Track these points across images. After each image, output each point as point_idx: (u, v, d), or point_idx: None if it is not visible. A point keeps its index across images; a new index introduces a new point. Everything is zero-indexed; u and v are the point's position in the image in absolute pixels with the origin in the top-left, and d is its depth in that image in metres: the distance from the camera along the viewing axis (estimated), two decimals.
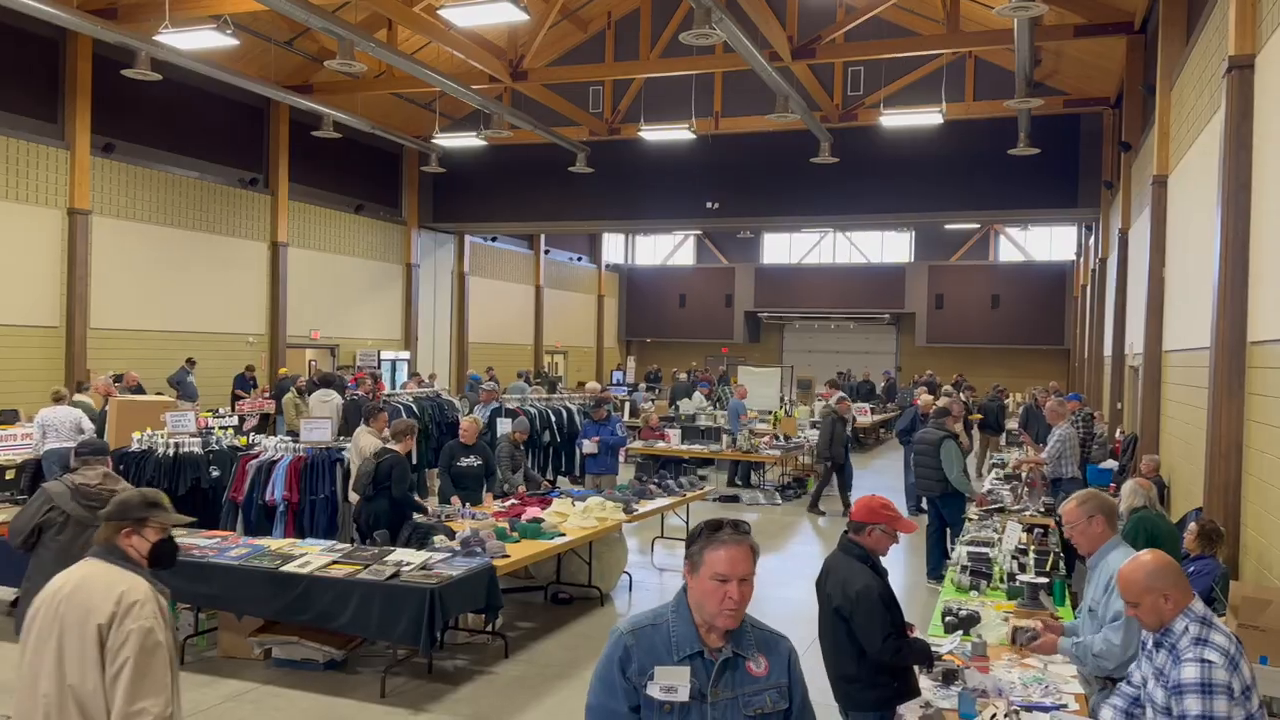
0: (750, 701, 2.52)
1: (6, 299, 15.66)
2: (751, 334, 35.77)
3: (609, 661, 2.51)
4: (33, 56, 16.21)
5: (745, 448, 14.34)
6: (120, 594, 3.10)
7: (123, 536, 3.24)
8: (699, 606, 2.52)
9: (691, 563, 2.52)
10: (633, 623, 2.56)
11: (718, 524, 2.58)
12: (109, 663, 3.04)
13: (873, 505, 4.16)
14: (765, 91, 17.10)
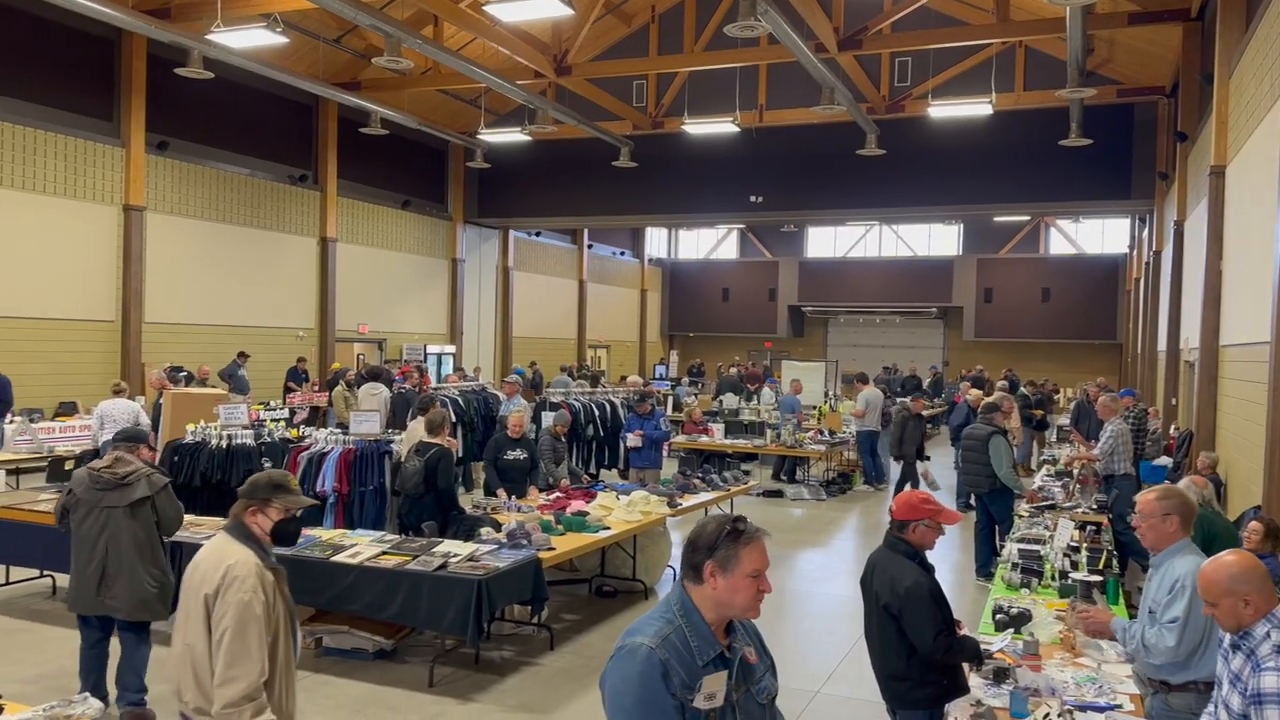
0: (759, 690, 2.57)
1: (65, 294, 16.08)
2: (795, 328, 35.55)
3: (648, 681, 2.34)
4: (89, 56, 16.59)
5: (790, 443, 14.26)
6: (227, 567, 3.30)
7: (249, 514, 3.45)
8: (722, 604, 2.49)
9: (719, 564, 2.47)
10: (652, 636, 2.41)
11: (734, 524, 2.55)
12: (213, 630, 3.25)
13: (913, 501, 4.11)
14: (810, 83, 16.97)
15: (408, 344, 24.04)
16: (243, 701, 3.21)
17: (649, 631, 2.44)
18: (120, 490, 5.44)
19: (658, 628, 2.45)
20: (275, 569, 3.43)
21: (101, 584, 5.40)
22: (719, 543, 2.50)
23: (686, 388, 24.00)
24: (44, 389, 15.30)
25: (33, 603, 7.69)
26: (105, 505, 5.42)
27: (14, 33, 15.33)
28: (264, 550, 3.44)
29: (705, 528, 2.55)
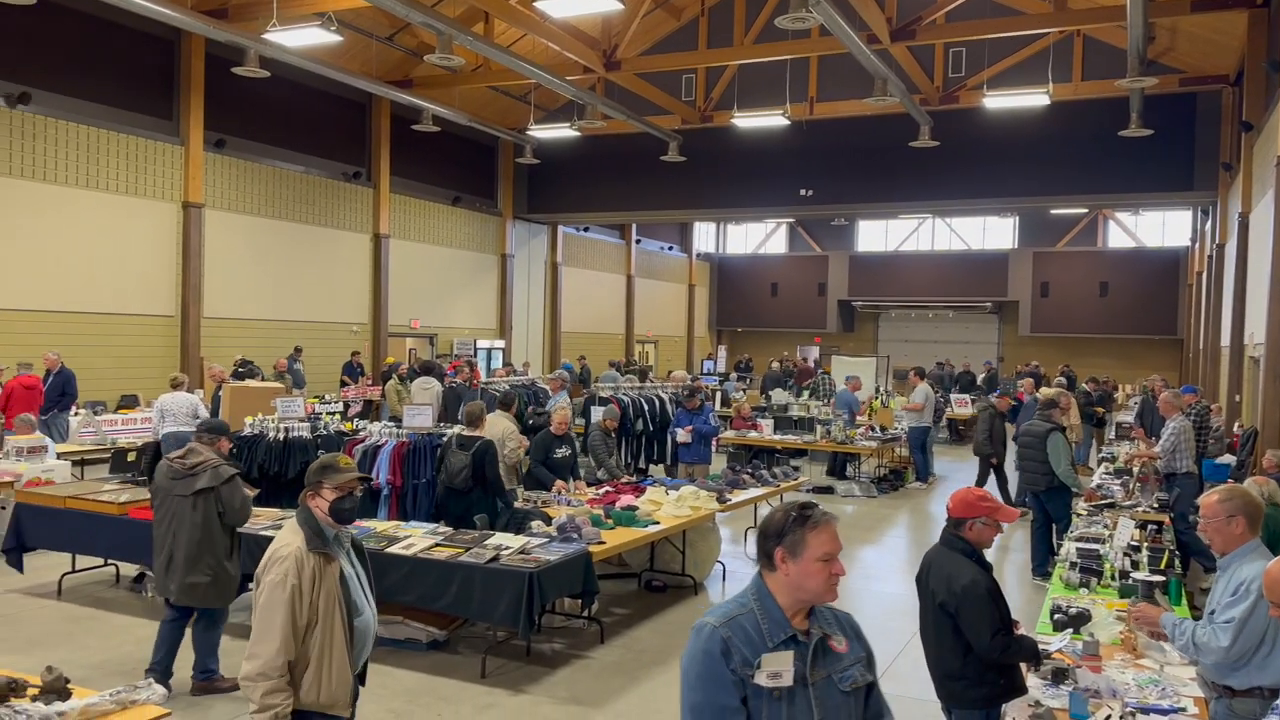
0: (843, 678, 2.57)
1: (127, 290, 16.49)
2: (845, 323, 35.23)
3: (708, 657, 2.45)
4: (150, 57, 16.98)
5: (840, 439, 14.14)
6: (273, 550, 3.46)
7: (309, 499, 3.57)
8: (797, 589, 2.53)
9: (788, 549, 2.52)
10: (719, 616, 2.52)
11: (801, 509, 2.57)
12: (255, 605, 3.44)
13: (969, 499, 4.04)
14: (862, 75, 16.78)
15: (458, 339, 24.27)
16: (258, 678, 3.34)
17: (717, 613, 2.55)
18: (186, 480, 5.66)
19: (727, 609, 2.55)
20: (325, 554, 3.48)
21: (168, 569, 5.67)
22: (787, 528, 2.54)
23: (734, 383, 23.91)
24: (107, 382, 15.71)
25: (97, 590, 7.91)
26: (175, 494, 5.67)
27: (78, 35, 15.75)
28: (322, 537, 3.51)
29: (774, 515, 2.60)
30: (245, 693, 3.38)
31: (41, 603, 7.55)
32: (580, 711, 5.70)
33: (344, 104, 20.90)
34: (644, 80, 20.92)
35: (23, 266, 14.99)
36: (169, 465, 5.77)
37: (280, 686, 3.35)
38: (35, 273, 15.15)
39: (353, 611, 3.53)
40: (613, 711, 5.73)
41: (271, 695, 3.33)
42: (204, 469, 5.65)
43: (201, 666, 5.76)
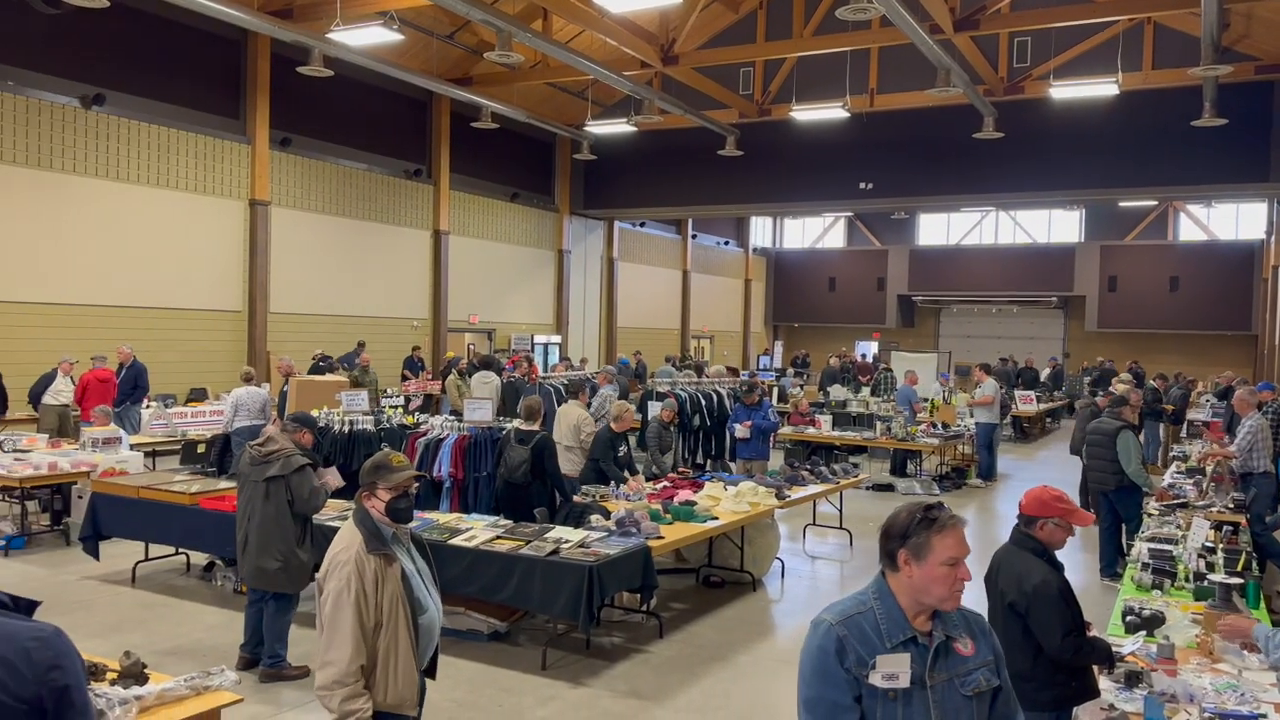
0: (965, 681, 2.51)
1: (196, 285, 16.92)
2: (905, 318, 34.75)
3: (823, 653, 2.44)
4: (218, 57, 17.39)
5: (901, 436, 13.95)
6: (333, 555, 3.44)
7: (364, 499, 3.55)
8: (920, 592, 2.49)
9: (912, 552, 2.47)
10: (837, 613, 2.50)
11: (926, 511, 2.52)
12: (319, 612, 3.42)
13: (1044, 498, 3.94)
14: (925, 66, 16.52)
15: (516, 334, 24.46)
16: (334, 686, 3.31)
17: (836, 609, 2.53)
18: (261, 466, 5.87)
19: (845, 607, 2.53)
20: (386, 555, 3.45)
21: (243, 551, 5.89)
22: (912, 530, 2.49)
23: (791, 379, 23.74)
24: (177, 376, 16.15)
25: (169, 578, 8.13)
26: (251, 480, 5.89)
27: (149, 37, 16.17)
28: (380, 537, 3.48)
29: (898, 515, 2.56)
30: (323, 702, 3.36)
31: (117, 589, 7.78)
32: (640, 706, 5.71)
33: (405, 102, 21.18)
34: (701, 74, 20.84)
35: (97, 263, 15.46)
36: (249, 452, 6.01)
37: (358, 691, 3.34)
38: (108, 269, 15.62)
39: (417, 610, 3.51)
40: (673, 707, 5.72)
41: (350, 701, 3.32)
42: (277, 457, 5.84)
43: (270, 652, 5.90)
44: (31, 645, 2.07)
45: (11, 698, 2.02)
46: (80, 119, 15.22)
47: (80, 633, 6.58)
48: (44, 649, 2.08)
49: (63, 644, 2.13)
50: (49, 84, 14.89)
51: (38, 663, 2.06)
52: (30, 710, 2.04)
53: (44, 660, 2.07)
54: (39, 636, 2.10)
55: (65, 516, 9.39)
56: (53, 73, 14.94)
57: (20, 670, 2.04)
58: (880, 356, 27.88)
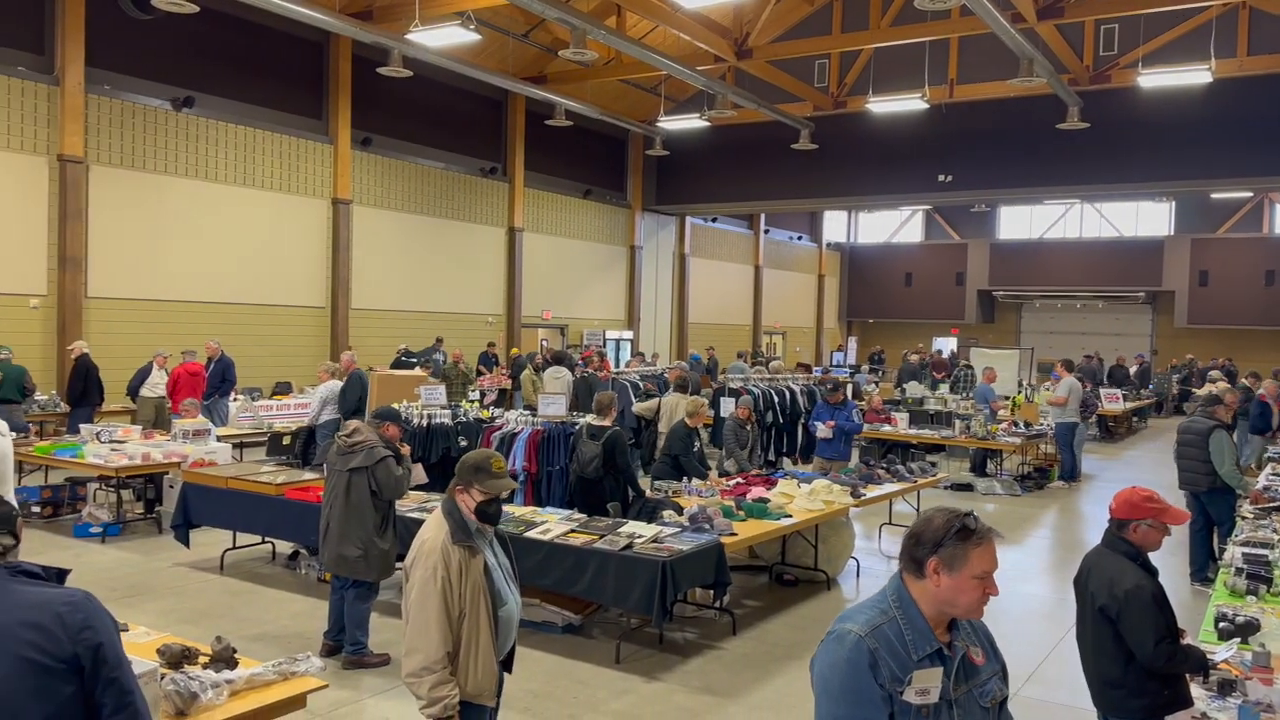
0: (983, 692, 2.44)
1: (282, 283, 17.42)
2: (985, 314, 33.99)
3: (854, 669, 2.30)
4: (301, 59, 17.86)
5: (981, 435, 13.64)
6: (420, 544, 3.54)
7: (457, 493, 3.64)
8: (946, 602, 2.39)
9: (944, 561, 2.36)
10: (863, 624, 2.36)
11: (963, 521, 2.41)
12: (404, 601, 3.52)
13: (1134, 499, 3.81)
14: (1006, 55, 16.13)
15: (588, 329, 24.63)
16: (422, 673, 3.40)
17: (860, 619, 2.38)
18: (345, 457, 6.05)
19: (869, 616, 2.39)
20: (470, 547, 3.53)
21: (326, 539, 6.07)
22: (946, 539, 2.38)
23: (866, 375, 23.42)
24: (262, 370, 16.65)
25: (255, 566, 8.39)
26: (336, 469, 6.07)
27: (236, 40, 16.69)
28: (465, 529, 3.56)
29: (931, 521, 2.44)
30: (412, 689, 3.44)
31: (206, 576, 8.06)
32: (714, 702, 5.70)
33: (481, 101, 21.46)
34: (775, 67, 20.67)
35: (186, 260, 16.02)
36: (336, 443, 6.19)
37: (445, 678, 3.42)
38: (198, 266, 16.17)
39: (497, 602, 3.58)
40: (747, 704, 5.70)
41: (439, 688, 3.40)
42: (361, 448, 5.99)
43: (352, 640, 6.05)
44: (63, 609, 2.29)
45: (51, 659, 2.24)
46: (171, 121, 15.78)
47: (172, 618, 6.84)
48: (75, 612, 2.30)
49: (93, 606, 2.35)
50: (142, 87, 15.48)
51: (70, 625, 2.28)
52: (69, 669, 2.26)
53: (76, 622, 2.29)
54: (70, 601, 2.32)
55: (157, 505, 9.76)
56: (145, 76, 15.53)
57: (55, 633, 2.26)
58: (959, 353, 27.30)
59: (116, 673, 2.34)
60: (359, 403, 11.02)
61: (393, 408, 7.00)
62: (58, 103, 14.27)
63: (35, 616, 2.26)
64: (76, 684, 2.27)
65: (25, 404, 12.60)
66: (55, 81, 14.27)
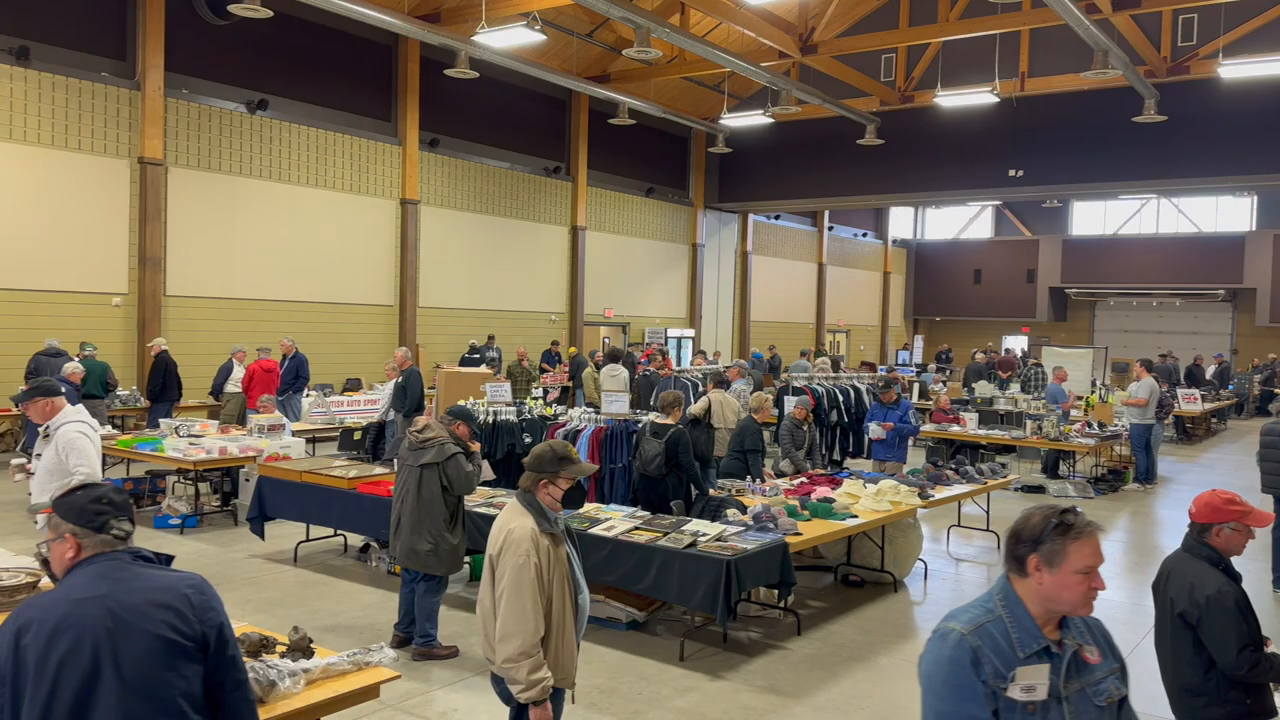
0: (1098, 691, 2.42)
1: (352, 281, 17.79)
2: (1057, 312, 33.20)
3: (957, 665, 2.34)
4: (371, 62, 18.20)
5: (1053, 435, 13.33)
6: (507, 532, 3.60)
7: (541, 487, 3.73)
8: (1050, 599, 2.39)
9: (1045, 558, 2.38)
10: (966, 622, 2.39)
11: (1062, 517, 2.42)
12: (494, 590, 3.59)
13: (1214, 503, 3.69)
14: (1080, 47, 15.75)
15: (649, 327, 24.66)
16: (520, 657, 3.47)
17: (964, 618, 2.42)
18: (416, 453, 6.15)
19: (974, 615, 2.43)
20: (552, 534, 3.65)
21: (397, 533, 6.16)
22: (1045, 536, 2.40)
23: (933, 374, 23.05)
24: (334, 367, 17.02)
25: (328, 558, 8.58)
26: (407, 464, 6.18)
27: (306, 44, 17.07)
28: (547, 518, 3.67)
29: (1030, 519, 2.46)
30: (509, 674, 3.49)
31: (280, 568, 8.27)
32: (780, 702, 5.67)
33: (545, 101, 21.63)
34: (840, 62, 20.46)
35: (260, 260, 16.45)
36: (408, 438, 6.30)
37: (541, 662, 3.50)
38: (271, 265, 16.59)
39: (576, 589, 3.71)
40: (812, 704, 5.66)
41: (536, 671, 3.48)
42: (432, 445, 6.09)
43: (421, 632, 6.16)
44: (189, 591, 2.47)
45: (182, 637, 2.40)
46: (246, 124, 16.20)
47: (248, 607, 7.03)
48: (199, 594, 2.48)
49: (211, 589, 2.54)
50: (218, 91, 15.93)
51: (197, 605, 2.45)
52: (196, 647, 2.42)
53: (201, 603, 2.47)
54: (193, 584, 2.50)
55: (234, 498, 10.05)
56: (221, 80, 15.97)
57: (185, 613, 2.42)
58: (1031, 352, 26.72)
59: (234, 652, 2.50)
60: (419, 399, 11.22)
61: (466, 407, 7.10)
62: (139, 107, 14.76)
63: (164, 598, 2.41)
64: (201, 662, 2.42)
65: (108, 399, 13.06)
66: (136, 86, 14.76)
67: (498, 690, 3.68)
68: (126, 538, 2.54)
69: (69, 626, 2.31)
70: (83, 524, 2.48)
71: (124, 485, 10.33)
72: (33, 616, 2.34)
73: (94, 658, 2.29)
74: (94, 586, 2.39)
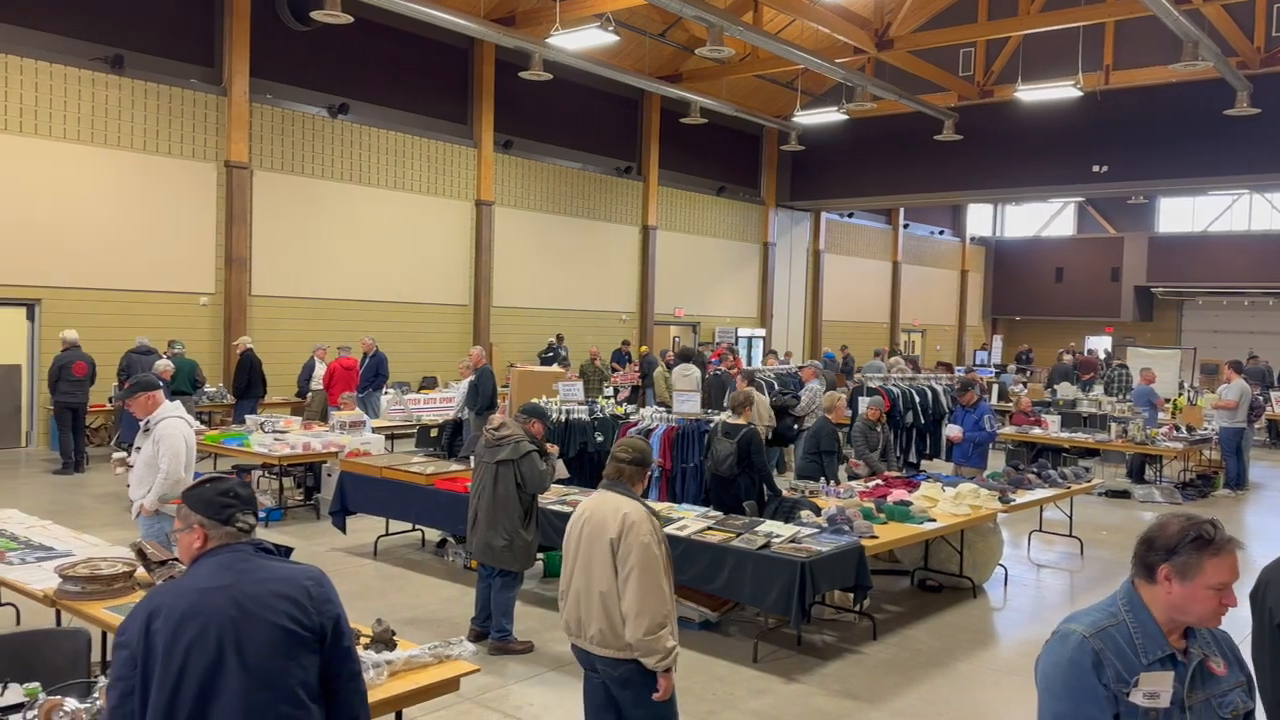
0: (1223, 703, 2.37)
1: (428, 281, 18.11)
2: (1142, 311, 32.13)
3: (1077, 668, 2.32)
4: (448, 66, 18.50)
5: (1140, 439, 12.91)
6: (624, 515, 3.81)
7: (636, 480, 4.00)
8: (1177, 610, 2.35)
9: (1177, 570, 2.33)
10: (1088, 624, 2.38)
11: (1200, 530, 2.35)
12: (619, 569, 3.75)
13: None
14: (1168, 38, 15.23)
15: (720, 327, 24.58)
16: (657, 629, 3.69)
17: (1085, 620, 2.40)
18: (492, 450, 6.24)
19: (1096, 618, 2.40)
20: (656, 514, 3.97)
21: (474, 528, 6.26)
22: (1180, 547, 2.34)
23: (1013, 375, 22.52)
24: (410, 365, 17.35)
25: (406, 553, 8.75)
26: (483, 461, 6.28)
27: (385, 48, 17.42)
28: (646, 503, 3.96)
29: (1166, 528, 2.39)
30: (649, 646, 3.67)
31: (360, 561, 8.46)
32: (855, 706, 5.61)
33: (617, 101, 21.72)
34: (917, 57, 20.11)
35: (340, 260, 16.85)
36: (484, 435, 6.41)
37: (674, 630, 3.75)
38: (351, 266, 16.98)
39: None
40: (889, 710, 5.58)
41: (670, 640, 3.72)
42: (508, 442, 6.17)
43: (498, 626, 6.24)
44: (309, 584, 2.53)
45: (302, 628, 2.46)
46: (327, 128, 16.61)
47: None
48: (319, 586, 2.55)
49: (329, 582, 2.61)
50: (301, 96, 16.36)
51: (316, 598, 2.52)
52: (315, 638, 2.49)
53: (320, 595, 2.53)
54: (312, 576, 2.57)
55: (316, 493, 10.30)
56: (304, 85, 16.40)
57: (305, 605, 2.49)
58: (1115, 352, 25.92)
59: (349, 644, 2.58)
60: (492, 397, 11.36)
61: (539, 404, 7.18)
62: (225, 112, 15.24)
63: (285, 589, 2.48)
64: (318, 653, 2.49)
65: (195, 395, 13.51)
66: (223, 92, 15.24)
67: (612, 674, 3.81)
68: (250, 530, 2.63)
69: (196, 614, 2.39)
70: (210, 516, 2.57)
71: None
72: (163, 603, 2.43)
73: (219, 645, 2.37)
74: (220, 576, 2.47)
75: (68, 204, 13.75)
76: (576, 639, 3.94)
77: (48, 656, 4.01)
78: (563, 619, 4.01)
